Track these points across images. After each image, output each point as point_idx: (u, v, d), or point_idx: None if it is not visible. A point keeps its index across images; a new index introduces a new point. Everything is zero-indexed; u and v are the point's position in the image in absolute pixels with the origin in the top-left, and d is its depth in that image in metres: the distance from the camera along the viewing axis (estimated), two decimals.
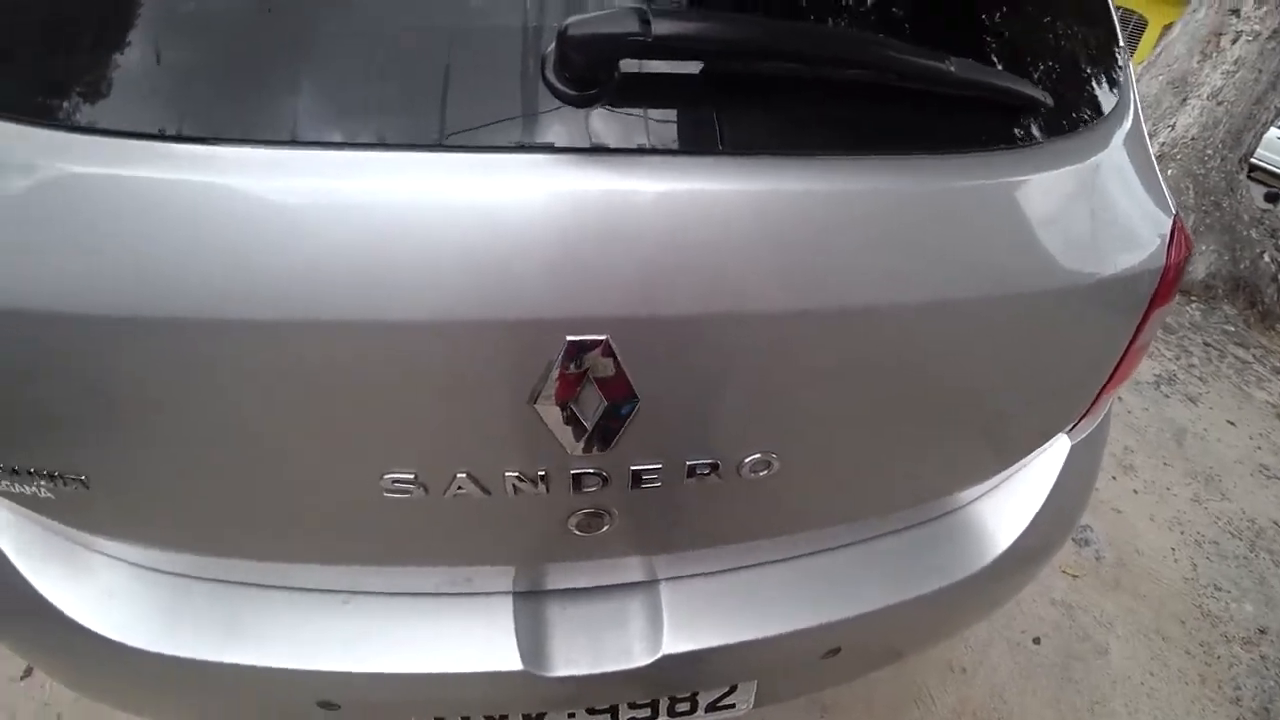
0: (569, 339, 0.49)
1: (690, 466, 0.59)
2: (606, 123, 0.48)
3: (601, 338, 0.49)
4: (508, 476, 0.57)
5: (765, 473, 0.62)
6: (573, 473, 0.57)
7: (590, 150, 0.48)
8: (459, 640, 0.73)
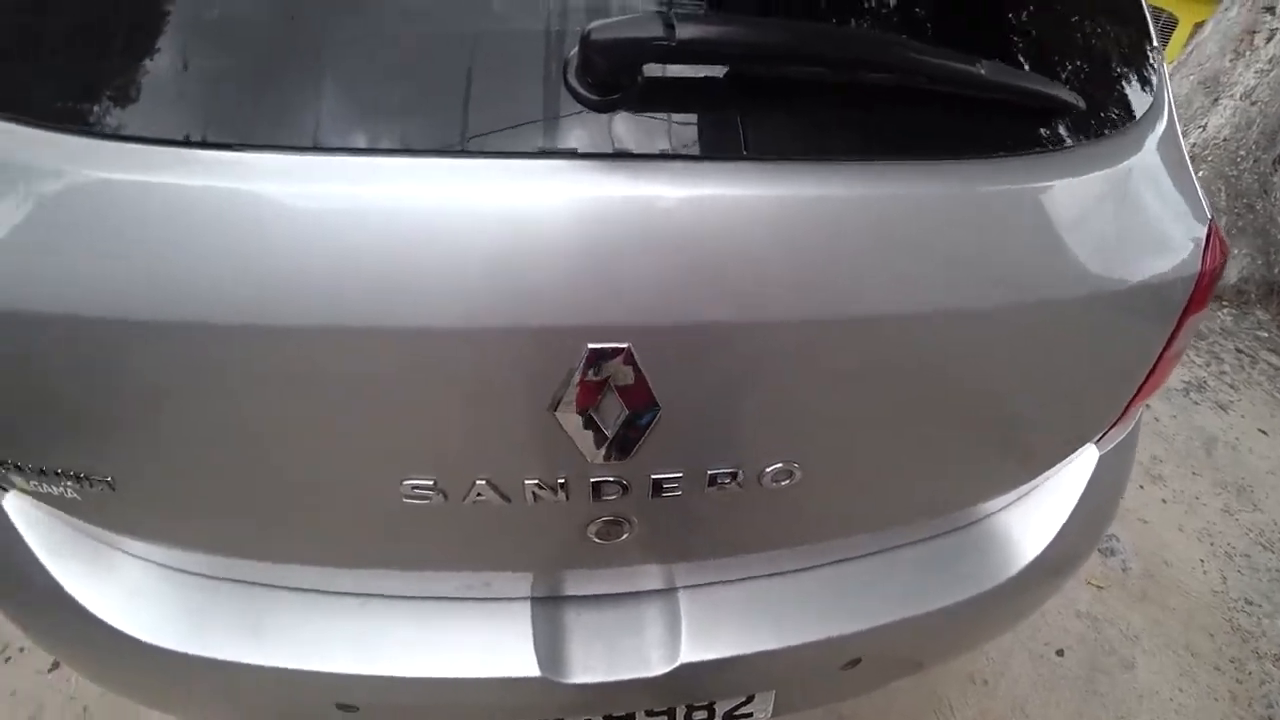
0: (590, 347, 0.48)
1: (711, 476, 0.59)
2: (629, 127, 0.48)
3: (623, 346, 0.49)
4: (527, 484, 0.57)
5: (787, 482, 0.61)
6: (592, 481, 0.57)
7: (612, 155, 0.48)
8: (476, 645, 0.73)
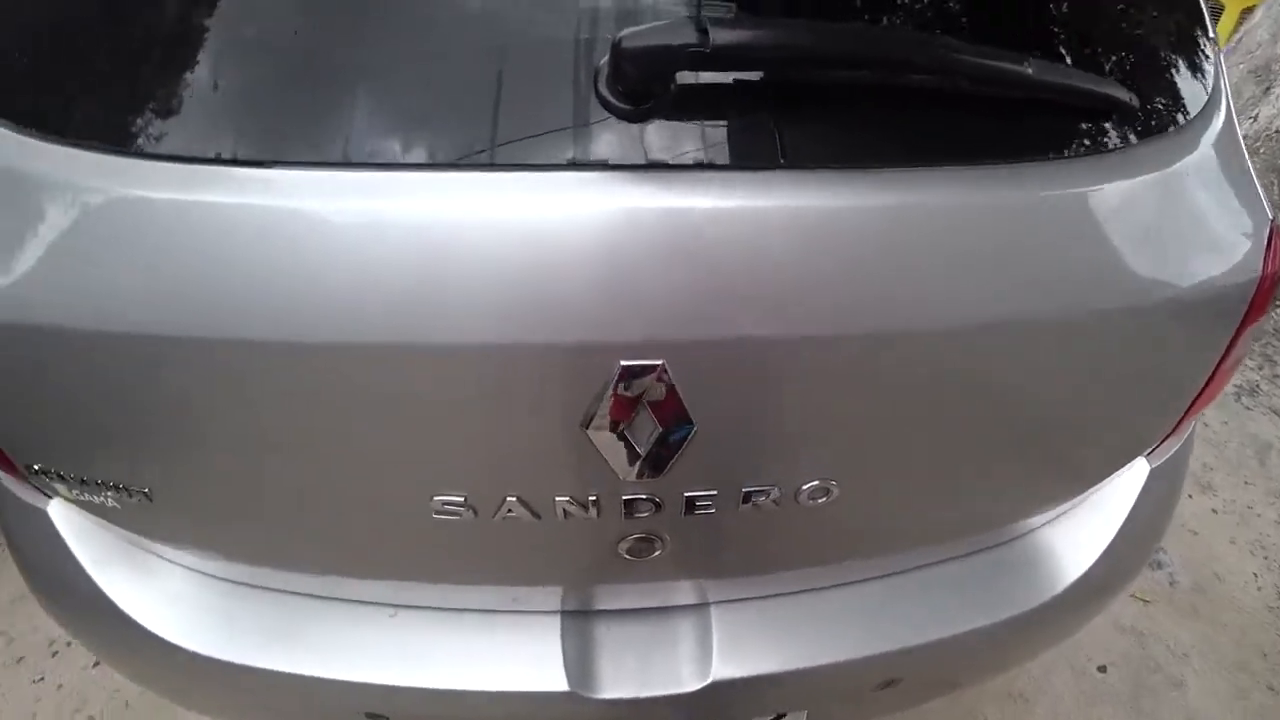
0: (623, 363, 0.47)
1: (746, 493, 0.57)
2: (661, 137, 0.47)
3: (657, 362, 0.48)
4: (558, 501, 0.56)
5: (824, 500, 0.60)
6: (624, 498, 0.56)
7: (645, 166, 0.46)
8: (504, 658, 0.73)
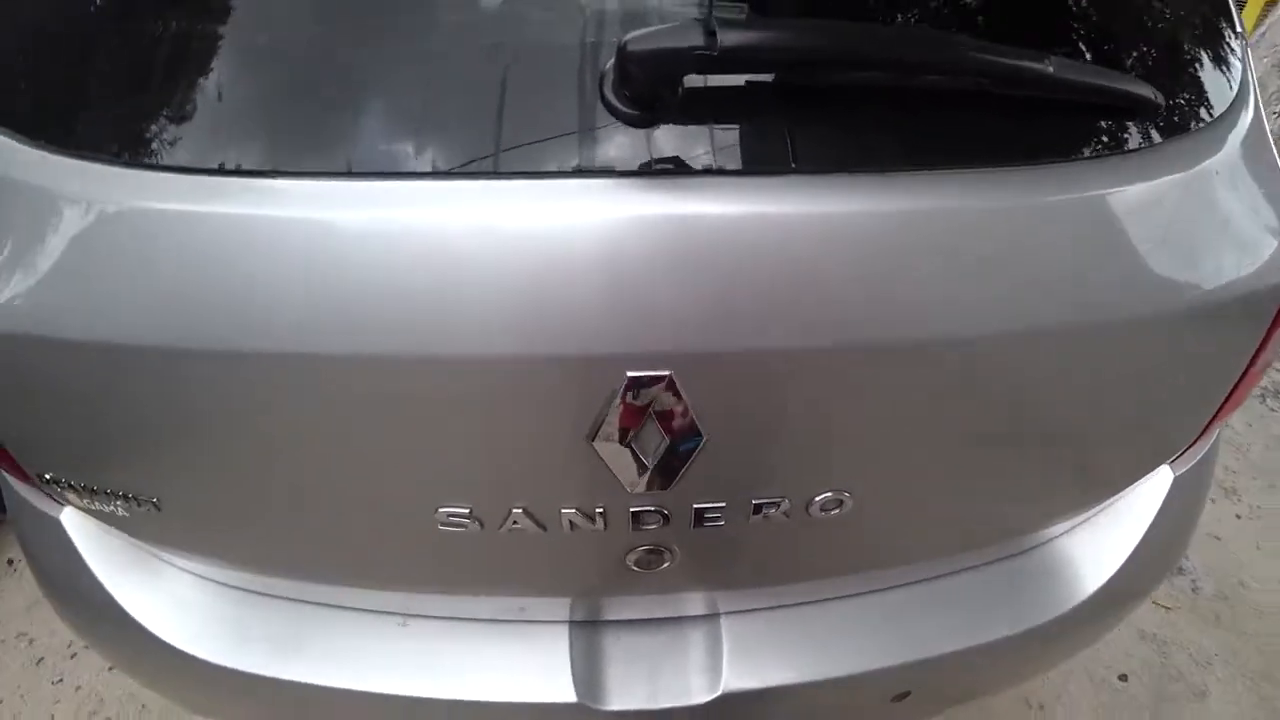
0: (629, 374, 0.46)
1: (756, 505, 0.56)
2: (669, 142, 0.46)
3: (664, 373, 0.46)
4: (564, 513, 0.55)
5: (836, 511, 0.58)
6: (632, 510, 0.55)
7: (652, 172, 0.45)
8: (513, 669, 0.72)
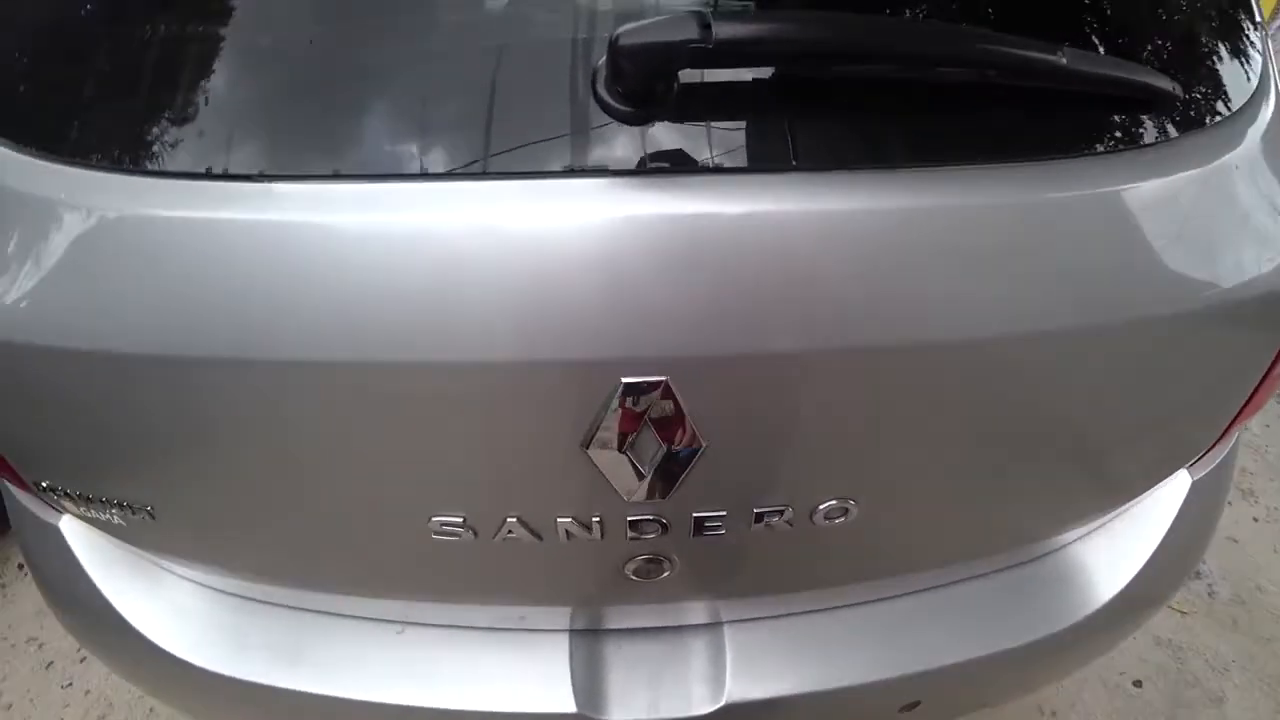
0: (624, 380, 0.45)
1: (758, 514, 0.55)
2: (665, 140, 0.44)
3: (660, 379, 0.45)
4: (560, 522, 0.54)
5: (841, 519, 0.56)
6: (629, 519, 0.54)
7: (647, 171, 0.44)
8: (512, 678, 0.71)
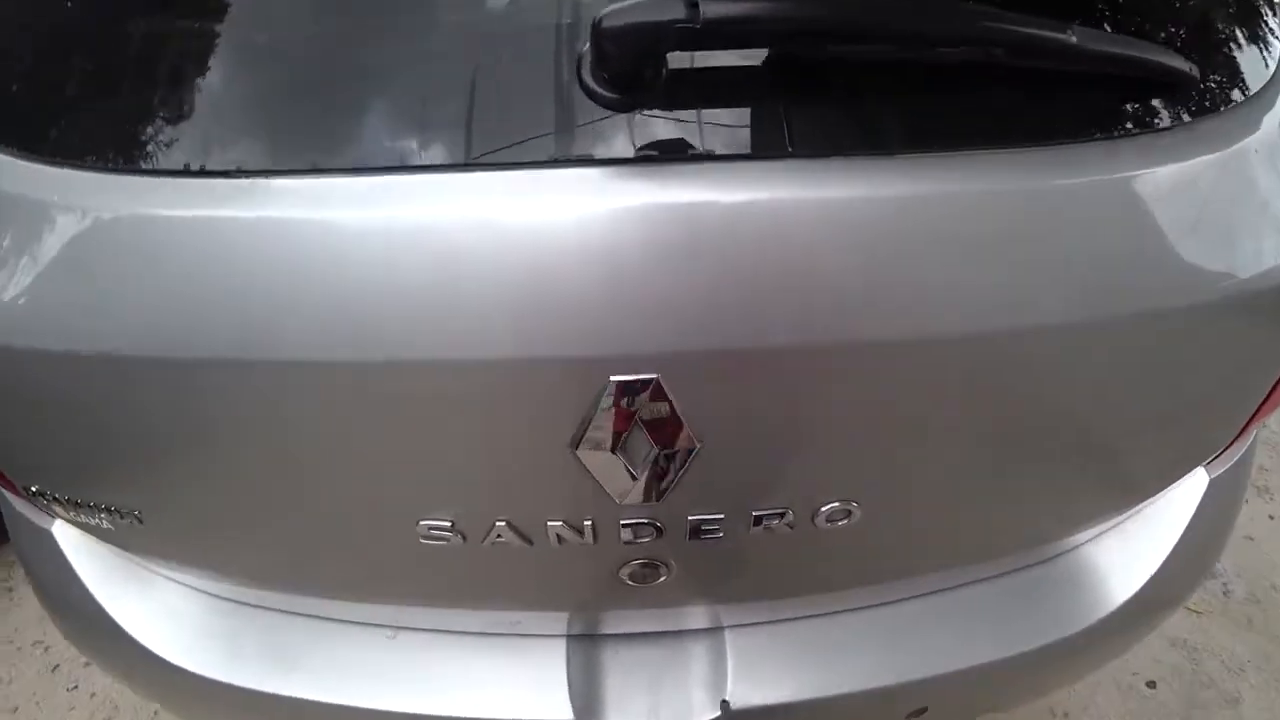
0: (613, 378, 0.43)
1: (757, 516, 0.53)
2: (654, 127, 0.42)
3: (651, 376, 0.43)
4: (551, 526, 0.52)
5: (844, 522, 0.54)
6: (622, 523, 0.52)
7: (634, 160, 0.42)
8: (507, 684, 0.70)
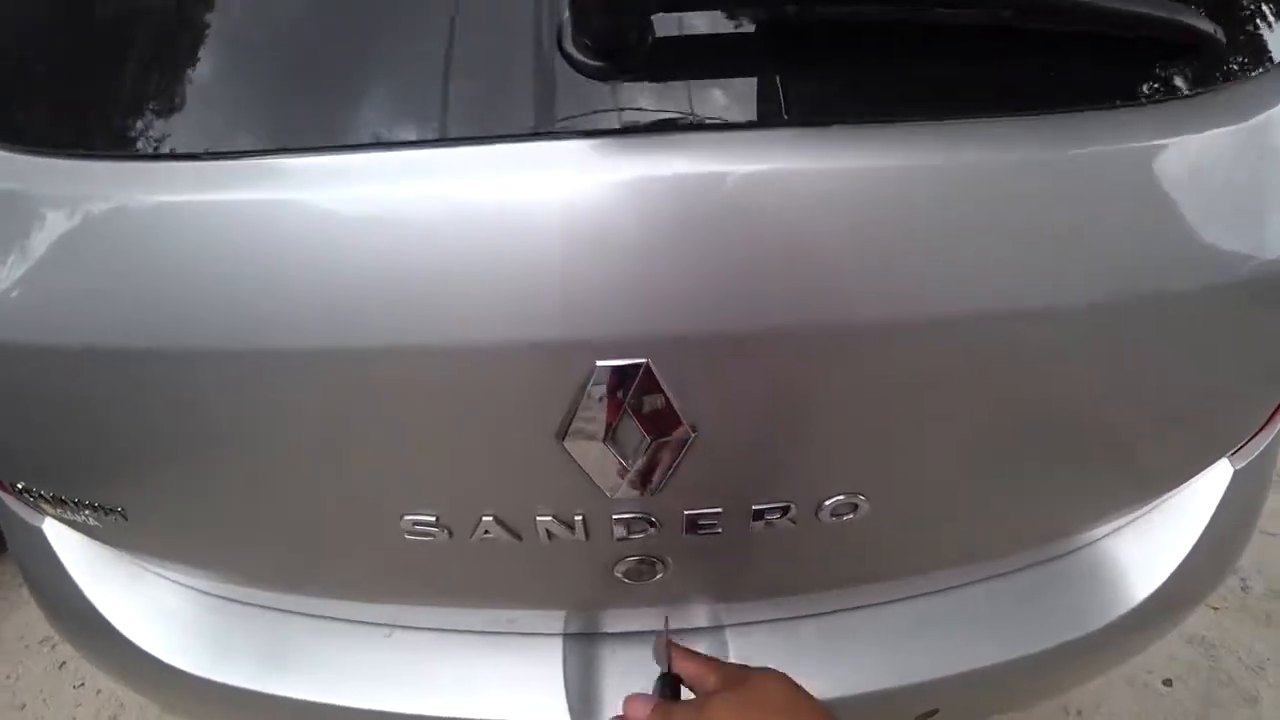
0: (599, 364, 0.40)
1: (757, 511, 0.50)
2: (640, 97, 0.40)
3: (639, 361, 0.40)
4: (539, 521, 0.50)
5: (850, 516, 0.52)
6: (615, 518, 0.49)
7: (619, 131, 0.39)
8: (502, 683, 0.68)
